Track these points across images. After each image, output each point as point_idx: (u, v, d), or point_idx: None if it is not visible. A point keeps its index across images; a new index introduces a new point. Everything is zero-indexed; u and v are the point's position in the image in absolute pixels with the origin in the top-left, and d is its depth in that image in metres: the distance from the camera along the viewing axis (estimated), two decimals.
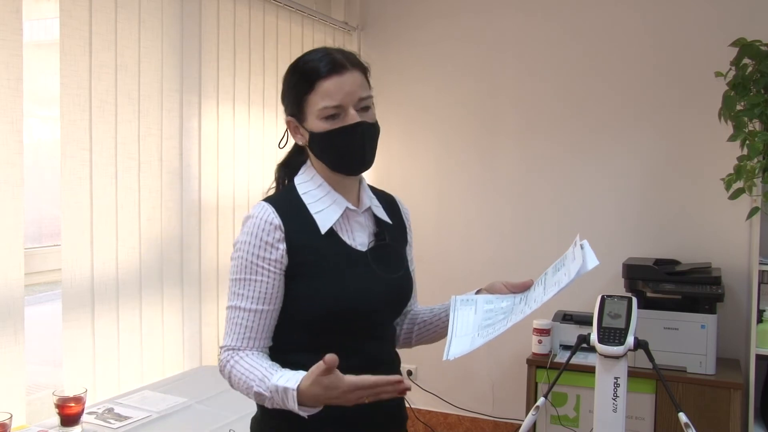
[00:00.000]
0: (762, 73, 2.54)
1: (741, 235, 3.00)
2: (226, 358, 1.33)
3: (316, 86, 1.31)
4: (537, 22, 3.38)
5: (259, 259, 1.31)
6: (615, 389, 2.19)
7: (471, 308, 1.36)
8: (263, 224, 1.32)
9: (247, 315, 1.33)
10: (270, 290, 1.33)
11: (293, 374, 1.23)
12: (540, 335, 3.00)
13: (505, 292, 1.41)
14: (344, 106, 1.31)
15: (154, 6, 2.42)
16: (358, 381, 1.17)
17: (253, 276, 1.32)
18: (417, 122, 3.66)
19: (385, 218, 1.48)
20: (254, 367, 1.29)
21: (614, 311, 2.28)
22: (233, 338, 1.33)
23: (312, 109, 1.32)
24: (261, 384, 1.25)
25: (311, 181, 1.40)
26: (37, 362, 2.40)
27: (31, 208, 2.23)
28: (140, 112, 2.37)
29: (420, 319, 1.57)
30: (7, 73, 1.90)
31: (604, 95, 3.26)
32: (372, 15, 3.75)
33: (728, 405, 2.67)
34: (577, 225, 3.30)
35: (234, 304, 1.34)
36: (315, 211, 1.36)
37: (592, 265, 1.27)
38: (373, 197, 1.49)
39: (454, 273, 3.53)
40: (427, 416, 3.65)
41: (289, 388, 1.20)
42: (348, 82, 1.32)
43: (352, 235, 1.40)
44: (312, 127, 1.34)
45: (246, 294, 1.32)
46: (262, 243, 1.31)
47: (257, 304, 1.32)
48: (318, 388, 1.18)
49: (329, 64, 1.31)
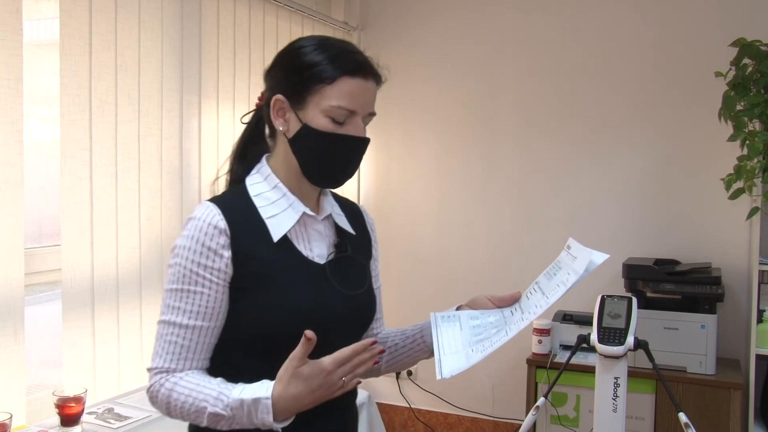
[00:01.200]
0: (762, 73, 2.54)
1: (741, 235, 3.00)
2: (158, 382, 1.15)
3: (338, 80, 1.16)
4: (537, 22, 3.38)
5: (200, 267, 1.14)
6: (615, 389, 2.19)
7: (455, 324, 1.26)
8: (206, 227, 1.15)
9: (183, 332, 1.15)
10: (211, 304, 1.15)
11: (258, 384, 1.10)
12: (540, 335, 3.00)
13: (491, 307, 1.30)
14: (357, 114, 1.19)
15: (154, 6, 2.42)
16: (337, 356, 1.07)
17: (192, 287, 1.15)
18: (417, 122, 3.66)
19: (348, 228, 1.32)
20: (203, 386, 1.12)
21: (614, 311, 2.28)
22: (166, 358, 1.15)
23: (321, 102, 1.16)
24: (217, 402, 1.09)
25: (265, 181, 1.23)
26: (37, 362, 2.40)
27: (31, 208, 2.23)
28: (140, 112, 2.37)
29: (391, 342, 1.40)
30: (7, 73, 1.90)
31: (604, 95, 3.26)
32: (372, 15, 3.74)
33: (728, 405, 2.67)
34: (577, 225, 3.30)
35: (167, 319, 1.16)
36: (267, 216, 1.20)
37: (600, 259, 1.22)
38: (335, 204, 1.33)
39: (454, 273, 3.53)
40: (427, 416, 3.65)
41: (260, 398, 1.07)
42: (370, 90, 1.22)
43: (309, 245, 1.24)
44: (310, 120, 1.17)
45: (183, 307, 1.15)
46: (203, 249, 1.14)
47: (195, 320, 1.15)
48: (298, 383, 1.07)
49: (361, 64, 1.20)
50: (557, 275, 1.25)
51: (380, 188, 3.76)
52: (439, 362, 1.19)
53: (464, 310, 1.31)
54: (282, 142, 1.23)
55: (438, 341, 1.23)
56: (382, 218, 3.76)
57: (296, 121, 1.19)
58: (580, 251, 1.24)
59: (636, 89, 3.19)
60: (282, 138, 1.23)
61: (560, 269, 1.26)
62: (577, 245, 1.26)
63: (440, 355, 1.20)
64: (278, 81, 1.22)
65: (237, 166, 1.30)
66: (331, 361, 1.07)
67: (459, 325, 1.25)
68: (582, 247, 1.24)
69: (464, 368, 1.17)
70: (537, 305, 1.22)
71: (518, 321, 1.21)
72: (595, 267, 1.20)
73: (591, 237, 3.26)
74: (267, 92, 1.25)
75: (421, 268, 3.65)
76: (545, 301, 1.21)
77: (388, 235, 3.75)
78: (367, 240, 1.40)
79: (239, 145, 1.31)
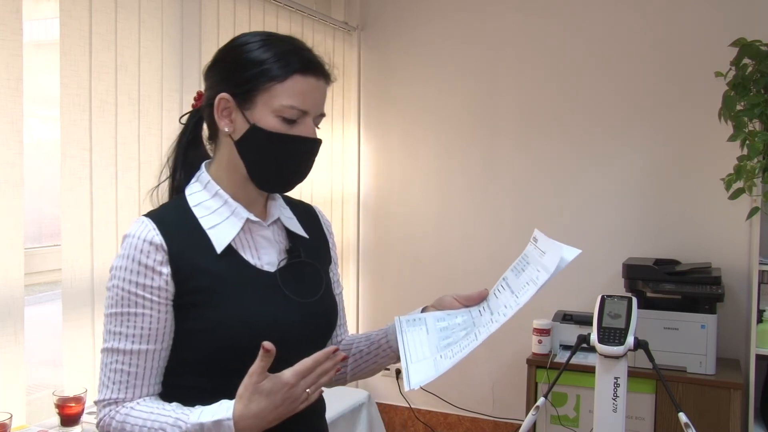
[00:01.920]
0: (762, 73, 2.54)
1: (741, 235, 3.00)
2: (108, 415, 1.09)
3: (290, 78, 1.09)
4: (537, 22, 3.38)
5: (138, 287, 1.07)
6: (615, 389, 2.19)
7: (421, 328, 1.17)
8: (141, 244, 1.08)
9: (127, 358, 1.08)
10: (154, 325, 1.08)
11: (216, 405, 1.03)
12: (540, 335, 3.00)
13: (457, 307, 1.22)
14: (309, 114, 1.12)
15: (154, 6, 2.42)
16: (299, 367, 1.02)
17: (132, 308, 1.08)
18: (417, 122, 3.66)
19: (300, 232, 1.25)
20: (157, 413, 1.05)
21: (614, 311, 2.28)
22: (113, 389, 1.08)
23: (271, 101, 1.09)
24: (175, 429, 1.02)
25: (205, 190, 1.16)
26: (37, 362, 2.40)
27: (31, 208, 2.23)
28: (140, 112, 2.37)
29: (355, 348, 1.32)
30: (7, 73, 1.90)
31: (604, 95, 3.26)
32: (372, 15, 3.75)
33: (728, 405, 2.66)
34: (577, 225, 3.30)
35: (110, 346, 1.09)
36: (209, 227, 1.12)
37: (571, 255, 1.10)
38: (285, 207, 1.26)
39: (454, 273, 3.53)
40: (427, 416, 3.65)
41: (222, 420, 1.00)
42: (321, 90, 1.14)
43: (256, 253, 1.16)
44: (258, 121, 1.10)
45: (124, 332, 1.08)
46: (140, 267, 1.07)
47: (140, 344, 1.08)
48: (260, 399, 1.00)
49: (313, 62, 1.13)
50: (525, 271, 1.16)
51: (380, 188, 3.76)
52: (406, 372, 1.11)
53: (430, 312, 1.23)
54: (226, 144, 1.15)
55: (404, 348, 1.14)
56: (382, 218, 3.77)
57: (243, 122, 1.11)
58: (549, 245, 1.14)
59: (636, 89, 3.19)
60: (226, 140, 1.15)
61: (528, 264, 1.17)
62: (544, 238, 1.18)
63: (407, 363, 1.12)
64: (222, 79, 1.14)
65: (179, 173, 1.21)
66: (293, 374, 1.02)
67: (425, 329, 1.17)
68: (550, 241, 1.15)
69: (433, 377, 1.08)
70: (507, 306, 1.13)
71: (488, 323, 1.12)
72: (566, 264, 1.10)
73: (591, 237, 3.26)
74: (208, 91, 1.17)
75: (421, 268, 3.65)
76: (515, 301, 1.12)
77: (388, 235, 3.75)
78: (324, 244, 1.32)
79: (179, 150, 1.22)
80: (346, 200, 3.72)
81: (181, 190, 1.19)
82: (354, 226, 3.78)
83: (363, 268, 3.81)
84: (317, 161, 1.20)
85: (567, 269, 1.15)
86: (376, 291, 3.79)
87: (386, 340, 1.29)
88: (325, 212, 3.70)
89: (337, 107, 3.61)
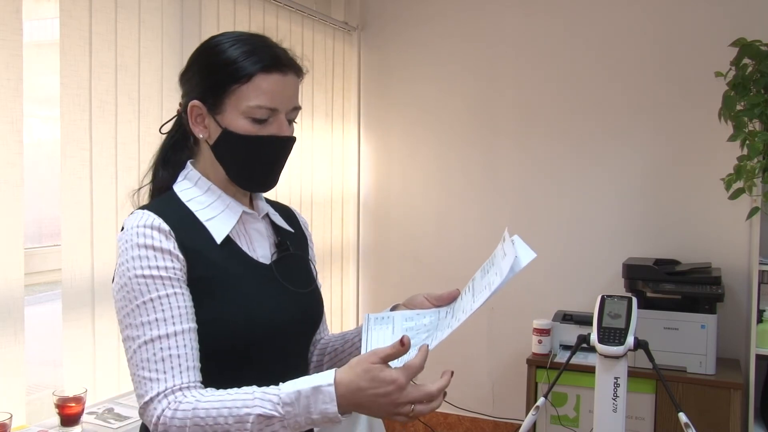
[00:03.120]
0: (762, 73, 2.54)
1: (741, 235, 3.00)
2: (170, 407, 0.98)
3: (254, 78, 1.08)
4: (537, 22, 3.38)
5: (160, 270, 1.03)
6: (615, 389, 2.19)
7: (387, 327, 1.13)
8: (149, 231, 1.05)
9: (173, 342, 1.01)
10: (187, 302, 1.05)
11: (309, 376, 0.97)
12: (540, 335, 3.00)
13: (428, 306, 1.18)
14: (279, 111, 1.11)
15: (154, 6, 2.42)
16: (428, 388, 0.97)
17: (162, 291, 1.03)
18: (417, 122, 3.66)
19: (286, 226, 1.26)
20: (233, 394, 0.97)
21: (614, 311, 2.28)
22: (166, 377, 0.99)
23: (239, 104, 1.09)
24: (264, 403, 0.94)
25: (196, 186, 1.16)
26: (37, 362, 2.40)
27: (31, 208, 2.23)
28: (140, 112, 2.37)
29: (330, 347, 1.31)
30: (7, 73, 1.90)
31: (604, 95, 3.26)
32: (372, 15, 3.75)
33: (728, 405, 2.67)
34: (577, 225, 3.30)
35: (150, 337, 1.01)
36: (206, 219, 1.12)
37: (527, 259, 1.06)
38: (267, 206, 1.28)
39: (454, 273, 3.52)
40: (427, 416, 3.65)
41: (321, 386, 0.94)
42: (290, 84, 1.12)
43: (251, 245, 1.17)
44: (229, 124, 1.10)
45: (161, 317, 1.02)
46: (155, 253, 1.04)
47: (180, 323, 1.03)
48: (367, 378, 0.94)
49: (275, 58, 1.10)
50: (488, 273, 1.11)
51: (380, 188, 3.76)
52: None
53: (400, 311, 1.19)
54: (206, 148, 1.16)
55: (366, 347, 1.09)
56: (382, 218, 3.77)
57: (216, 127, 1.12)
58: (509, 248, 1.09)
59: (636, 89, 3.19)
60: (205, 144, 1.16)
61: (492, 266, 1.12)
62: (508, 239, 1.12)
63: None
64: (193, 85, 1.14)
65: (162, 173, 1.21)
66: (413, 386, 0.96)
67: (392, 328, 1.13)
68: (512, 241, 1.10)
69: None
70: (464, 310, 1.07)
71: (447, 326, 1.07)
72: (521, 268, 1.05)
73: (591, 237, 3.26)
74: (183, 98, 1.17)
75: (421, 268, 3.65)
76: (470, 306, 1.06)
77: (388, 235, 3.75)
78: (304, 239, 1.33)
79: (161, 152, 1.23)
80: (346, 200, 3.72)
81: (165, 189, 1.19)
82: (354, 226, 3.78)
83: (363, 268, 3.81)
84: (317, 161, 1.19)
85: (567, 269, 1.14)
86: (376, 291, 3.79)
87: (359, 339, 1.26)
88: (325, 212, 3.71)
89: (337, 107, 3.61)
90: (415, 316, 1.14)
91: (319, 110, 3.43)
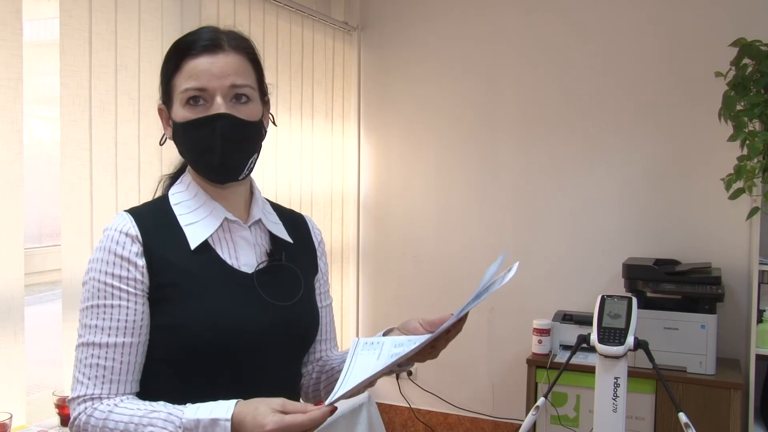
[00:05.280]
0: (762, 73, 2.54)
1: (741, 235, 3.00)
2: (85, 412, 1.03)
3: (182, 65, 1.11)
4: (537, 22, 3.38)
5: (114, 278, 1.06)
6: (615, 389, 2.19)
7: (374, 353, 1.09)
8: (117, 236, 1.08)
9: (104, 352, 1.05)
10: (131, 317, 1.06)
11: (214, 403, 0.99)
12: (540, 335, 3.00)
13: (421, 332, 1.13)
14: (210, 91, 1.09)
15: (154, 6, 2.42)
16: (289, 421, 0.93)
17: (109, 300, 1.06)
18: (417, 122, 3.66)
19: (284, 236, 1.22)
20: (144, 410, 1.00)
21: (614, 311, 2.28)
22: (88, 384, 1.04)
23: (177, 95, 1.12)
24: (167, 425, 0.97)
25: (186, 190, 1.18)
26: (37, 362, 2.40)
27: (31, 208, 2.23)
28: (140, 112, 2.37)
29: (328, 366, 1.28)
30: (7, 73, 1.90)
31: (604, 95, 3.26)
32: (372, 15, 3.75)
33: (728, 405, 2.67)
34: (577, 224, 3.30)
35: (86, 340, 1.06)
36: (186, 224, 1.13)
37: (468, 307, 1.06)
38: (270, 213, 1.25)
39: (454, 273, 3.53)
40: (427, 416, 3.65)
41: (219, 419, 0.95)
42: (219, 63, 1.10)
43: (234, 253, 1.15)
44: (175, 117, 1.13)
45: (101, 324, 1.05)
46: (116, 259, 1.07)
47: (116, 336, 1.05)
48: (250, 415, 0.95)
49: (203, 41, 1.12)
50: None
51: (380, 188, 3.76)
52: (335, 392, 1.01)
53: (392, 336, 1.15)
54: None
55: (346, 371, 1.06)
56: (382, 218, 3.77)
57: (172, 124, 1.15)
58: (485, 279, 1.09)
59: (636, 89, 3.19)
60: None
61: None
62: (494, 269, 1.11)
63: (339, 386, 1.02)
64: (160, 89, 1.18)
65: (165, 177, 1.27)
66: (284, 425, 0.93)
67: (378, 354, 1.08)
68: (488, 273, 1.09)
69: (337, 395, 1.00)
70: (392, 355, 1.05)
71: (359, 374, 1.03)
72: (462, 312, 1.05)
73: (591, 237, 3.26)
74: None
75: (421, 268, 3.65)
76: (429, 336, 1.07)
77: (388, 235, 3.75)
78: (311, 252, 1.29)
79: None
80: (345, 200, 3.72)
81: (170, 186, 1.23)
82: (354, 226, 3.78)
83: (363, 268, 3.81)
84: (317, 161, 1.19)
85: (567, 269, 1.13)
86: (376, 291, 3.79)
87: None
88: (325, 212, 3.70)
89: (337, 107, 3.61)
90: (406, 342, 1.09)
91: (319, 110, 3.43)
